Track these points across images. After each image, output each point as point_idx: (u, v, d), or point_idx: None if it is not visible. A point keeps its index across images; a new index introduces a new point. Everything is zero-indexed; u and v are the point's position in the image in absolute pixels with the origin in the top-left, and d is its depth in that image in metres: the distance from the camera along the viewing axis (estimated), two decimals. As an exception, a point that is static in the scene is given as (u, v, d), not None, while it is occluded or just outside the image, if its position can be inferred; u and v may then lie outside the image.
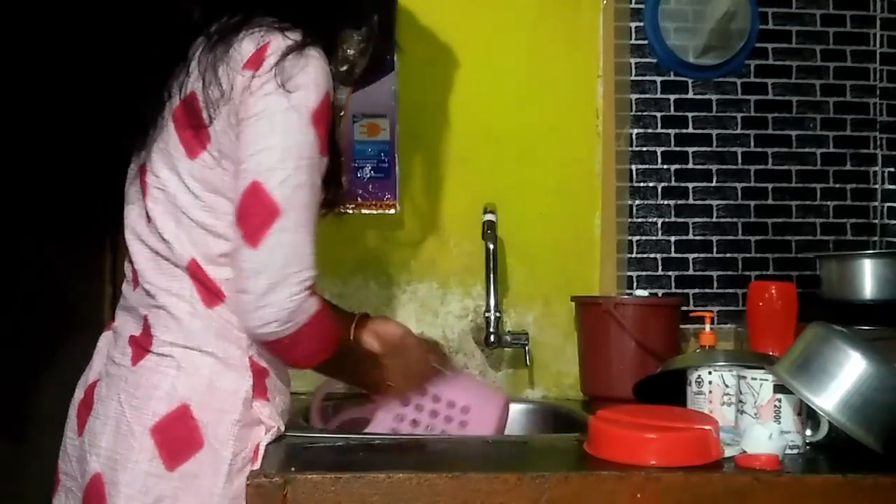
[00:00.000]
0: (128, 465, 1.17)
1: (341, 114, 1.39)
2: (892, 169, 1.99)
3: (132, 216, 1.30)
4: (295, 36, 1.21)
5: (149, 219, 1.26)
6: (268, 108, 1.17)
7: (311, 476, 1.10)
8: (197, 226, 1.23)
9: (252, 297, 1.16)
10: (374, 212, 1.92)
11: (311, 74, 1.19)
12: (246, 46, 1.20)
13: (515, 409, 1.83)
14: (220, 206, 1.22)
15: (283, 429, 1.27)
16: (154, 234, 1.26)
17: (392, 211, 1.92)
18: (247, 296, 1.17)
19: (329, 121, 1.23)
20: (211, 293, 1.23)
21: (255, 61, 1.18)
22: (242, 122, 1.18)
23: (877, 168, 1.99)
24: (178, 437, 1.17)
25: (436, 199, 1.96)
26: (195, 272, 1.23)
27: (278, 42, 1.19)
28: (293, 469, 1.12)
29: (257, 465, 1.20)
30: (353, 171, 1.91)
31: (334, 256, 1.89)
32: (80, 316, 1.97)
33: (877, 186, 1.99)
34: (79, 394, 1.32)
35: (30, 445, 1.91)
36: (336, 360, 1.31)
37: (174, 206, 1.24)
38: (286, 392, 1.31)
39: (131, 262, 1.30)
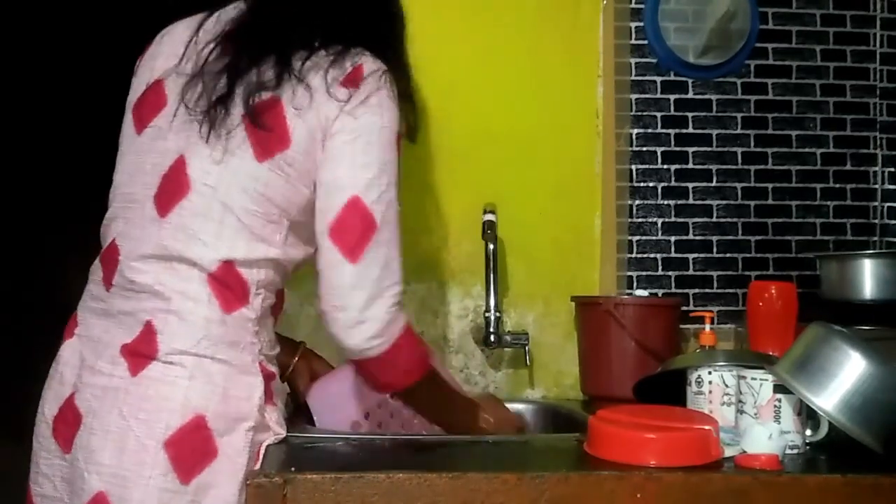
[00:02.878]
0: (140, 481, 1.13)
1: None
2: (892, 169, 1.99)
3: (140, 213, 1.24)
4: (382, 62, 1.28)
5: (168, 216, 1.21)
6: (367, 126, 1.22)
7: (311, 476, 1.10)
8: (244, 227, 1.21)
9: (352, 314, 1.20)
10: (374, 212, 1.91)
11: (395, 99, 1.26)
12: (341, 65, 1.24)
13: (515, 409, 1.83)
14: (270, 212, 1.23)
15: (285, 434, 1.27)
16: (178, 233, 1.21)
17: (392, 211, 1.91)
18: (346, 312, 1.20)
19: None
20: (234, 297, 1.20)
21: (352, 81, 1.23)
22: (335, 137, 1.22)
23: (877, 168, 1.99)
24: (192, 450, 1.14)
25: (436, 198, 1.96)
26: (223, 274, 1.20)
27: (370, 65, 1.25)
28: (293, 469, 1.12)
29: (257, 466, 1.19)
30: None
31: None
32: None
33: (877, 186, 1.99)
34: (50, 409, 1.24)
35: (30, 445, 1.91)
36: (428, 390, 1.35)
37: (222, 204, 1.21)
38: (285, 395, 1.31)
39: (116, 262, 1.24)
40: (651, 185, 1.95)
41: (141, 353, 1.18)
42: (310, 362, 1.57)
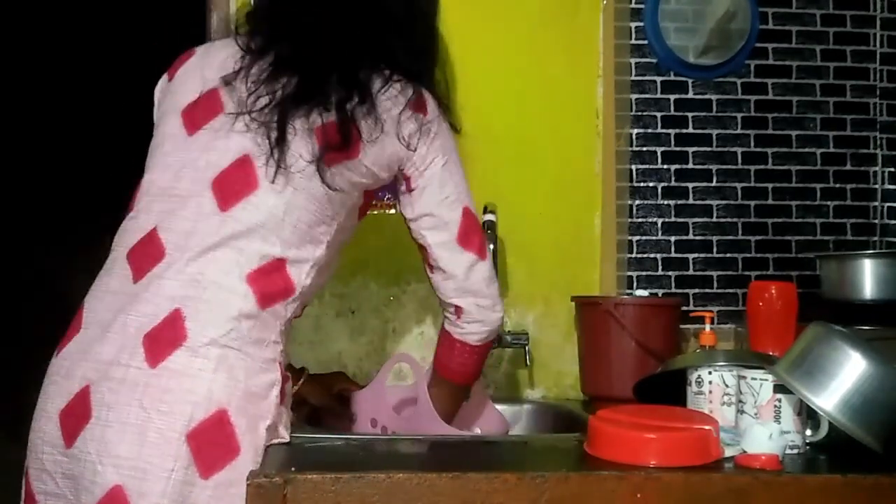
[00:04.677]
0: (161, 474, 1.12)
1: None
2: (892, 169, 1.99)
3: (191, 207, 1.26)
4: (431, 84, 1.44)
5: (230, 210, 1.25)
6: (448, 147, 1.41)
7: (311, 476, 1.10)
8: (303, 230, 1.29)
9: (492, 301, 1.46)
10: (375, 212, 1.91)
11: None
12: (405, 91, 1.36)
13: (515, 409, 1.83)
14: (325, 213, 1.31)
15: (289, 438, 1.27)
16: (237, 225, 1.24)
17: (392, 211, 1.92)
18: (487, 300, 1.45)
19: None
20: (274, 294, 1.25)
21: (421, 107, 1.37)
22: (426, 163, 1.38)
23: (877, 168, 1.99)
24: (214, 444, 1.14)
25: (436, 199, 1.95)
26: (270, 271, 1.24)
27: (428, 94, 1.40)
28: (293, 469, 1.12)
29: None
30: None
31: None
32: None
33: (877, 186, 1.99)
34: (55, 404, 1.21)
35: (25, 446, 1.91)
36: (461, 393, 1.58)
37: (289, 206, 1.27)
38: (290, 401, 1.32)
39: (153, 255, 1.24)
40: (651, 185, 1.95)
41: (166, 340, 1.17)
42: (314, 386, 1.59)
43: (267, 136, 1.28)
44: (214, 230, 1.24)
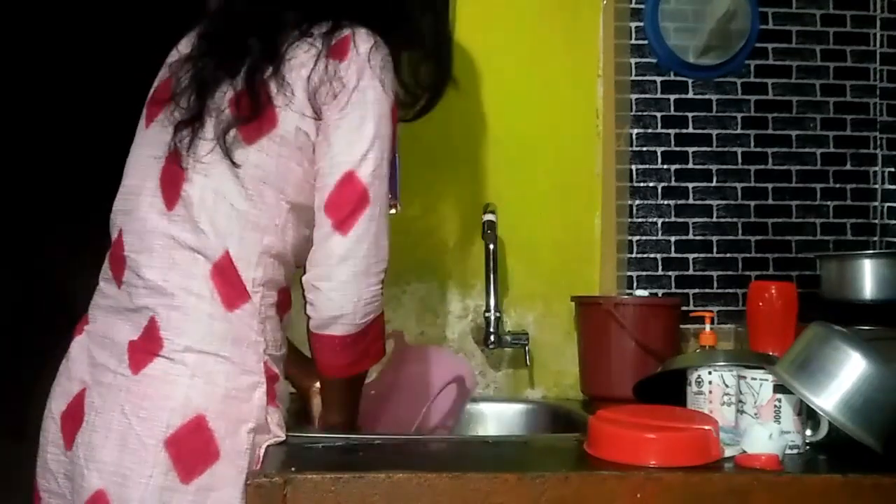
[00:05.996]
0: (140, 480, 1.13)
1: None
2: (892, 169, 1.99)
3: (143, 207, 1.24)
4: (376, 35, 1.25)
5: (174, 208, 1.21)
6: (361, 99, 1.21)
7: (311, 476, 1.10)
8: (237, 214, 1.20)
9: (334, 285, 1.20)
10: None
11: (391, 73, 1.23)
12: (328, 40, 1.22)
13: (515, 409, 1.83)
14: (266, 196, 1.21)
15: (284, 437, 1.24)
16: (185, 223, 1.21)
17: (392, 211, 1.91)
18: (328, 283, 1.20)
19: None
20: (235, 294, 1.19)
21: (341, 52, 1.21)
22: (331, 114, 1.20)
23: (877, 168, 1.99)
24: (193, 450, 1.14)
25: (436, 199, 1.96)
26: (224, 269, 1.19)
27: (363, 36, 1.23)
28: (293, 469, 1.12)
29: (257, 468, 1.18)
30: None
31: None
32: (79, 315, 1.97)
33: (877, 186, 1.99)
34: (58, 405, 1.24)
35: (30, 445, 1.91)
36: (352, 387, 1.35)
37: (215, 191, 1.21)
38: (287, 399, 1.30)
39: (122, 258, 1.24)
40: (651, 185, 1.95)
41: (145, 349, 1.18)
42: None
43: (188, 121, 1.23)
44: (164, 230, 1.22)
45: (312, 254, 1.23)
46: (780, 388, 1.23)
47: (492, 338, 1.79)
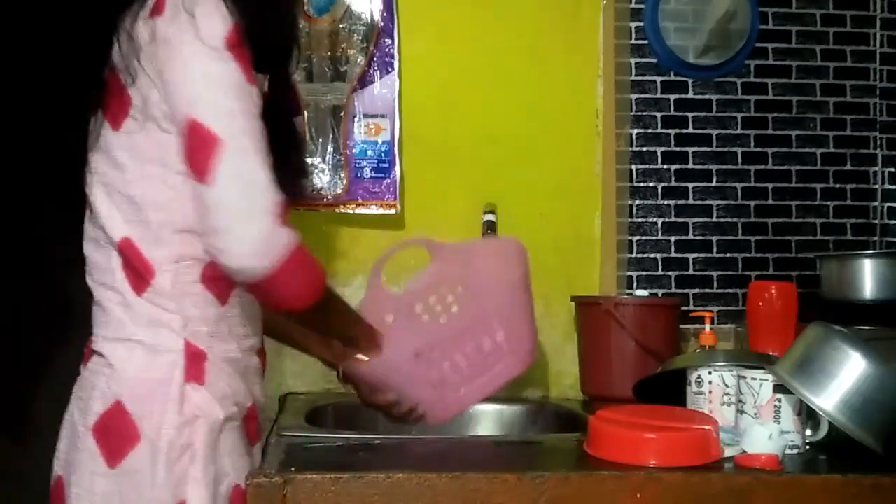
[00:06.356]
0: (79, 466, 1.18)
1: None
2: (892, 169, 1.99)
3: (87, 216, 1.28)
4: None
5: (90, 209, 1.25)
6: (178, 46, 1.15)
7: (311, 476, 1.10)
8: (128, 200, 1.20)
9: (221, 236, 1.13)
10: (374, 212, 1.92)
11: (212, 5, 1.17)
12: (147, 1, 1.19)
13: (515, 409, 1.83)
14: (150, 174, 1.20)
15: (223, 415, 1.20)
16: (92, 222, 1.25)
17: (392, 211, 1.92)
18: (215, 236, 1.13)
19: (248, 54, 1.18)
20: (140, 277, 1.20)
21: (158, 7, 1.17)
22: (162, 71, 1.16)
23: (877, 168, 1.99)
24: (116, 434, 1.17)
25: (436, 199, 1.96)
26: (127, 254, 1.20)
27: None
28: (293, 469, 1.12)
29: (199, 454, 1.16)
30: (353, 171, 1.91)
31: (334, 256, 1.89)
32: (80, 316, 1.97)
33: (877, 186, 1.99)
34: None
35: (29, 445, 1.91)
36: (323, 311, 1.28)
37: (104, 184, 1.22)
38: (239, 375, 1.25)
39: None
40: (651, 185, 1.95)
41: (89, 345, 1.25)
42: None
43: (90, 119, 1.28)
44: (88, 234, 1.27)
45: (195, 216, 1.17)
46: (780, 388, 1.23)
47: (492, 338, 1.79)
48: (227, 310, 1.25)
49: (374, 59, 1.92)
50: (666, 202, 1.95)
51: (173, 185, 1.19)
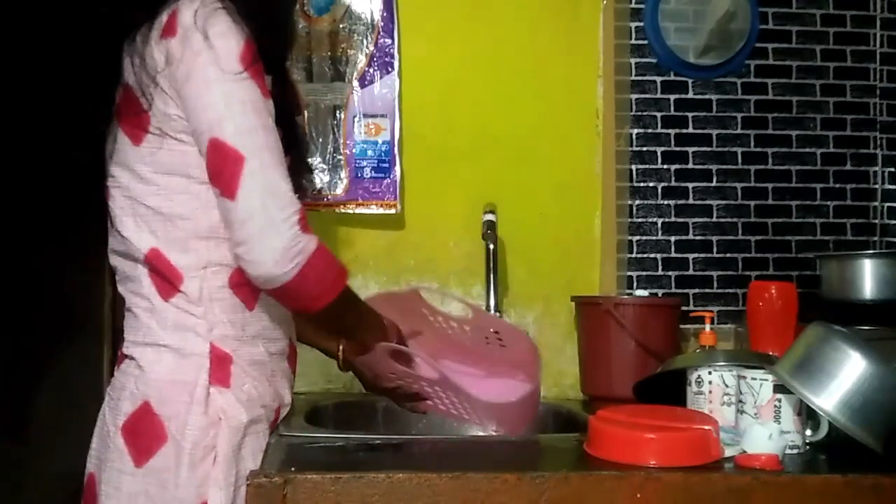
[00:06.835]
0: (108, 464, 1.21)
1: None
2: (892, 169, 1.99)
3: (110, 227, 1.31)
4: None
5: (112, 221, 1.28)
6: (195, 65, 1.18)
7: (311, 476, 1.10)
8: (154, 212, 1.24)
9: (248, 247, 1.18)
10: (374, 212, 1.92)
11: (225, 23, 1.20)
12: (160, 20, 1.22)
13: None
14: (173, 185, 1.23)
15: (247, 419, 1.22)
16: (116, 236, 1.28)
17: (392, 211, 1.92)
18: (244, 247, 1.18)
19: (261, 68, 1.22)
20: (168, 283, 1.23)
21: (170, 29, 1.20)
22: (181, 90, 1.20)
23: (877, 168, 2.00)
24: (143, 434, 1.19)
25: (436, 198, 1.96)
26: (155, 263, 1.23)
27: (186, 5, 1.21)
28: (293, 469, 1.12)
29: (222, 456, 1.18)
30: (353, 171, 1.91)
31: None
32: (80, 316, 1.97)
33: (877, 186, 2.00)
34: None
35: (30, 445, 1.91)
36: (342, 311, 1.31)
37: (130, 198, 1.25)
38: (266, 378, 1.28)
39: None
40: (651, 185, 1.95)
41: (122, 351, 1.28)
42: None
43: (108, 138, 1.31)
44: (112, 247, 1.31)
45: (223, 228, 1.22)
46: (780, 388, 1.23)
47: (492, 338, 1.79)
48: (255, 314, 1.28)
49: (374, 59, 1.92)
50: (666, 202, 1.95)
51: (197, 193, 1.23)
